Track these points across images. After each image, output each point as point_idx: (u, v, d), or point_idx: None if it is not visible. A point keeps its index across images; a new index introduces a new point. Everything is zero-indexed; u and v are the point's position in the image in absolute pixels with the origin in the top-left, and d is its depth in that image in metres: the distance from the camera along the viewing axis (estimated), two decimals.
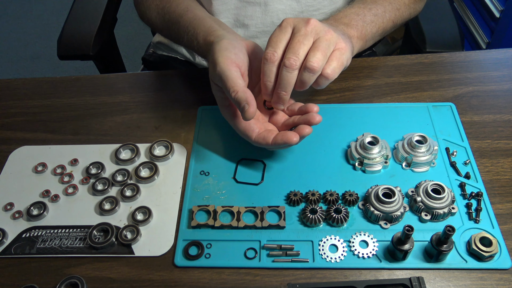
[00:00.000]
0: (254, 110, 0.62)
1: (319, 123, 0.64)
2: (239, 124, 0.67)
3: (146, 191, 0.70)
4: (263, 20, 0.89)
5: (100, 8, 1.08)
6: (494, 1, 1.65)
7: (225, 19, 0.90)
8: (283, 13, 0.88)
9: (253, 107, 0.61)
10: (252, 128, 0.66)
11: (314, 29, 0.62)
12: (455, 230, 0.55)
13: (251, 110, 0.61)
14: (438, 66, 0.84)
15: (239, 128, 0.68)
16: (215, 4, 0.87)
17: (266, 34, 0.91)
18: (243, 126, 0.67)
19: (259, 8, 0.88)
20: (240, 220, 0.64)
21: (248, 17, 0.89)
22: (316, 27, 0.62)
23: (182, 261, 0.61)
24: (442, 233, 0.56)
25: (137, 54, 2.20)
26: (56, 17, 2.61)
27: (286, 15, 0.88)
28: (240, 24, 0.91)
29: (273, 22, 0.89)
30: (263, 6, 0.87)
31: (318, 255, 0.60)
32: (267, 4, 0.87)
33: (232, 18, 0.90)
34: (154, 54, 1.09)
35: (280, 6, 0.87)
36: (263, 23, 0.89)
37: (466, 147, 0.71)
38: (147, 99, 0.83)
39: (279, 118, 0.70)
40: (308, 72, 0.60)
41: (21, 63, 2.41)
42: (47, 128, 0.80)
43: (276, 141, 0.64)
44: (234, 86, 0.62)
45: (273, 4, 0.87)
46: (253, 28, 0.91)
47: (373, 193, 0.64)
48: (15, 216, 0.67)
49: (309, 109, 0.67)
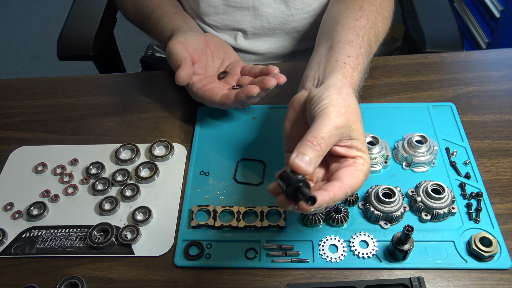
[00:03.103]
0: (186, 74, 0.68)
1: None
2: (203, 93, 0.71)
3: (146, 191, 0.70)
4: (253, 24, 0.89)
5: (99, 8, 1.08)
6: (494, 1, 1.65)
7: (213, 23, 0.90)
8: (272, 17, 0.88)
9: (184, 71, 0.68)
10: (216, 92, 0.70)
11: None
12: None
13: (181, 73, 0.68)
14: (438, 66, 0.84)
15: (205, 98, 0.71)
16: (202, 6, 0.88)
17: (257, 38, 0.92)
18: (208, 95, 0.71)
19: (248, 12, 0.88)
20: (240, 220, 0.64)
21: (237, 21, 0.89)
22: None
23: (182, 261, 0.61)
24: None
25: (136, 54, 2.20)
26: (56, 17, 2.61)
27: (275, 19, 0.88)
28: (230, 28, 0.91)
29: (263, 26, 0.89)
30: (252, 10, 0.87)
31: (318, 255, 0.60)
32: (256, 8, 0.87)
33: (221, 22, 0.90)
34: (153, 56, 1.09)
35: (269, 10, 0.87)
36: (253, 27, 0.89)
37: (466, 147, 0.71)
38: (147, 99, 0.83)
39: (244, 81, 0.74)
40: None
41: (21, 63, 2.41)
42: (47, 128, 0.80)
43: (238, 96, 0.67)
44: (176, 58, 0.70)
45: (262, 8, 0.87)
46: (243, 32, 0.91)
47: (373, 193, 0.64)
48: (15, 216, 0.67)
49: (270, 70, 0.70)
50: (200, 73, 0.74)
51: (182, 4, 0.91)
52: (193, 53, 0.73)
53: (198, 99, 0.74)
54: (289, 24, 0.89)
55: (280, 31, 0.90)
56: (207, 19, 0.90)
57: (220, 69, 0.79)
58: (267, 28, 0.89)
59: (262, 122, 0.77)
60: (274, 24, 0.89)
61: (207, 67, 0.77)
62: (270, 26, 0.89)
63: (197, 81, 0.73)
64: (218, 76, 0.77)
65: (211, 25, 0.91)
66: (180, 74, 0.68)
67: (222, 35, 0.92)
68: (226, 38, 0.92)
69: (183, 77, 0.68)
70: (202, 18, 0.90)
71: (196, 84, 0.73)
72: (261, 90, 0.66)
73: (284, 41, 0.92)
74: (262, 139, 0.75)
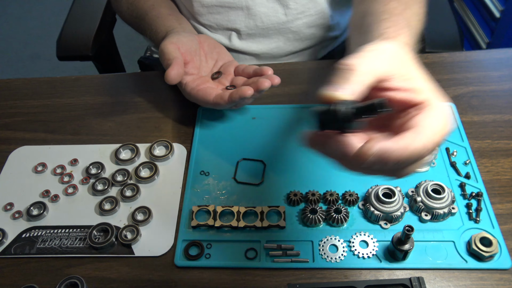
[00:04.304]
0: (175, 73, 0.68)
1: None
2: (197, 93, 0.71)
3: (146, 191, 0.70)
4: (247, 24, 0.89)
5: (99, 8, 1.08)
6: (494, 1, 1.66)
7: (207, 22, 0.90)
8: (266, 16, 0.87)
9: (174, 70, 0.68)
10: (209, 92, 0.70)
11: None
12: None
13: (171, 72, 0.68)
14: (438, 66, 0.84)
15: (198, 98, 0.72)
16: (195, 6, 0.88)
17: (251, 38, 0.91)
18: (201, 95, 0.71)
19: (242, 11, 0.87)
20: (240, 220, 0.64)
21: (231, 21, 0.89)
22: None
23: (182, 261, 0.61)
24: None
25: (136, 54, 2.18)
26: (56, 17, 2.61)
27: (269, 18, 0.88)
28: (224, 28, 0.90)
29: (257, 26, 0.89)
30: (245, 10, 0.87)
31: (318, 255, 0.60)
32: (249, 8, 0.87)
33: (215, 22, 0.90)
34: (151, 58, 1.09)
35: (263, 9, 0.87)
36: (247, 27, 0.89)
37: (466, 147, 0.71)
38: (147, 99, 0.83)
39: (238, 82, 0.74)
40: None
41: (21, 63, 2.41)
42: (47, 128, 0.80)
43: (232, 96, 0.67)
44: (167, 58, 0.70)
45: (255, 8, 0.86)
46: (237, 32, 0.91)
47: (373, 193, 0.64)
48: (15, 216, 0.67)
49: (264, 71, 0.71)
50: (194, 73, 0.75)
51: (177, 5, 0.91)
52: (185, 54, 0.73)
53: (192, 99, 0.74)
54: (283, 25, 0.89)
55: (274, 32, 0.90)
56: (201, 19, 0.90)
57: (214, 70, 0.79)
58: (261, 28, 0.89)
59: (262, 122, 0.77)
60: (268, 24, 0.88)
61: (200, 67, 0.77)
62: (264, 26, 0.89)
63: (190, 81, 0.73)
64: (211, 77, 0.77)
65: (206, 25, 0.91)
66: (170, 73, 0.68)
67: (217, 35, 0.92)
68: (220, 39, 0.92)
69: (173, 76, 0.68)
70: (196, 18, 0.90)
71: (190, 84, 0.73)
72: (255, 91, 0.66)
73: (279, 42, 0.92)
74: (262, 139, 0.75)
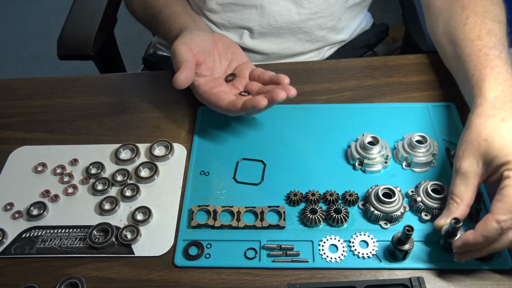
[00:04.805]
0: (184, 78, 0.65)
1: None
2: (209, 97, 0.70)
3: (146, 191, 0.70)
4: (260, 23, 0.89)
5: (100, 8, 1.07)
6: None
7: (220, 20, 0.90)
8: (279, 15, 0.88)
9: (182, 74, 0.65)
10: (222, 97, 0.69)
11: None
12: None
13: (179, 76, 0.65)
14: (438, 66, 0.84)
15: (210, 102, 0.70)
16: (209, 4, 0.87)
17: (263, 37, 0.91)
18: (214, 100, 0.69)
19: (256, 10, 0.87)
20: (240, 220, 0.64)
21: (244, 19, 0.89)
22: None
23: (182, 261, 0.61)
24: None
25: (137, 54, 2.19)
26: (56, 17, 2.61)
27: (282, 17, 0.88)
28: (236, 26, 0.91)
29: (270, 24, 0.89)
30: (259, 8, 0.87)
31: (318, 255, 0.60)
32: (263, 7, 0.87)
33: (228, 20, 0.90)
34: (155, 55, 1.09)
35: (277, 7, 0.87)
36: (260, 25, 0.89)
37: None
38: (147, 99, 0.83)
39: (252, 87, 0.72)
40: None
41: (21, 63, 2.41)
42: (47, 128, 0.80)
43: (245, 105, 0.65)
44: (178, 60, 0.67)
45: (269, 6, 0.86)
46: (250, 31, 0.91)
47: (373, 193, 0.64)
48: (15, 216, 0.67)
49: (280, 81, 0.68)
50: (207, 75, 0.73)
51: (189, 2, 0.91)
52: (198, 54, 0.71)
53: (204, 102, 0.73)
54: (296, 24, 0.89)
55: (286, 31, 0.90)
56: (214, 17, 0.89)
57: (228, 71, 0.77)
58: (274, 27, 0.89)
59: (262, 122, 0.77)
60: (281, 23, 0.88)
61: (214, 68, 0.75)
62: (277, 25, 0.89)
63: (203, 84, 0.72)
64: (225, 79, 0.75)
65: (217, 23, 0.91)
66: (178, 77, 0.65)
67: (228, 33, 0.91)
68: (232, 37, 0.91)
69: (181, 81, 0.65)
70: (208, 16, 0.90)
71: (202, 87, 0.71)
72: (269, 102, 0.63)
73: (289, 42, 0.92)
74: (262, 139, 0.75)
